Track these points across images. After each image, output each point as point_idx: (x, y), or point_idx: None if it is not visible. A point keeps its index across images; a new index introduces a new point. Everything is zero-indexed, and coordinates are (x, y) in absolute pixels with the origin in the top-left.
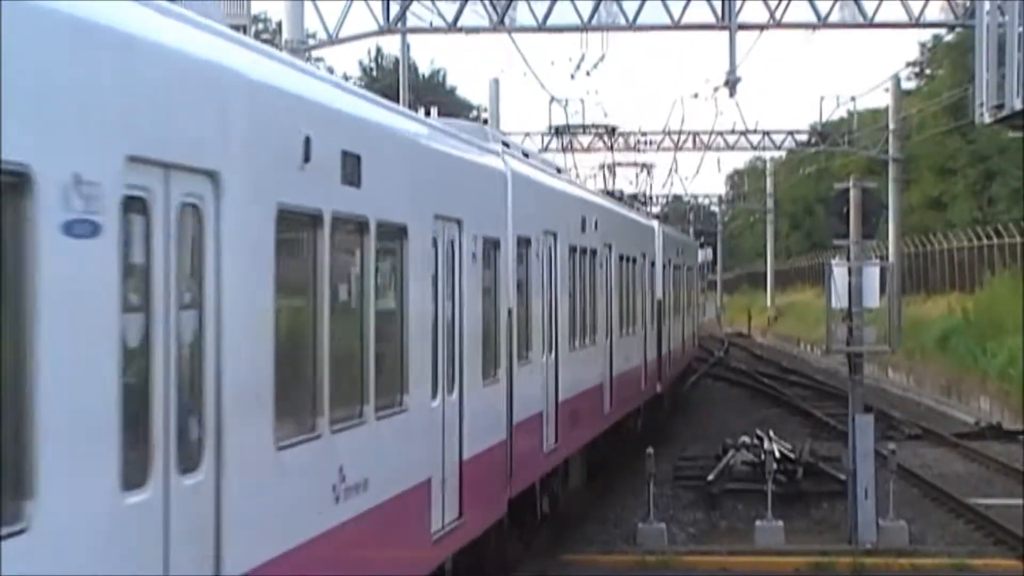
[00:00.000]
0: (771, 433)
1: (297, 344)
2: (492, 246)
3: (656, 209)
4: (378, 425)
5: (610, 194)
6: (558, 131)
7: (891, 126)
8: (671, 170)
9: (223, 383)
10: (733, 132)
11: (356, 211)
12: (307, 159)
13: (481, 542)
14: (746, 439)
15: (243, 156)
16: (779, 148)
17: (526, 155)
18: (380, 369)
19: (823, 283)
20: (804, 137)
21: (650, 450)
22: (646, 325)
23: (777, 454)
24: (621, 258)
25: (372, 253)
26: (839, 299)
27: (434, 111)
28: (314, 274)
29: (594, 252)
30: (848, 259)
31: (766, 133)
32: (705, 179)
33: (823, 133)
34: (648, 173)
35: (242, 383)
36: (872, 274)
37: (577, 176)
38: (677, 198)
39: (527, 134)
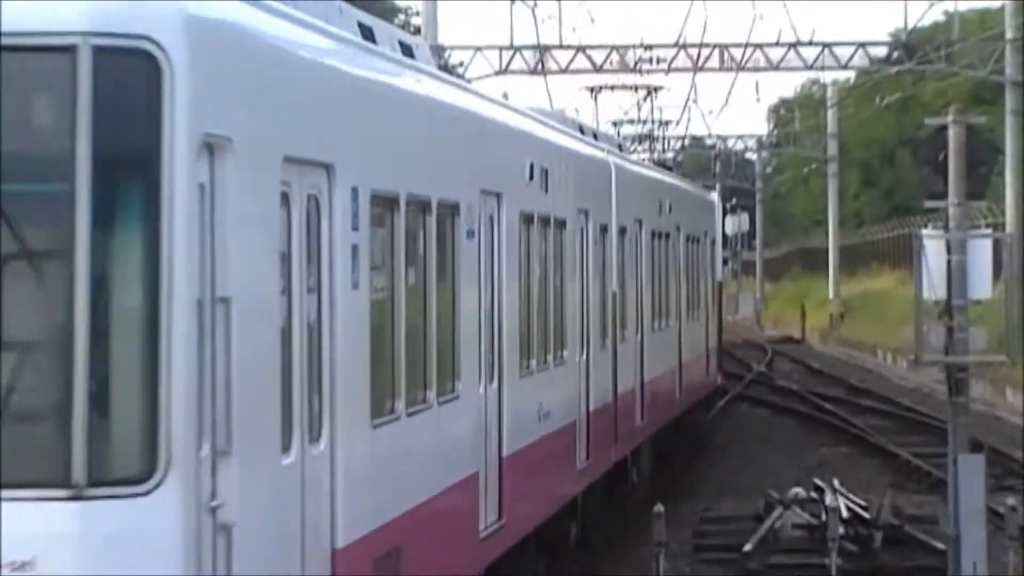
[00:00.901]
0: (835, 483)
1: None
2: (603, 232)
3: (668, 155)
4: (553, 371)
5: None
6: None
7: (1008, 34)
8: (688, 99)
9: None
10: (778, 44)
11: (546, 211)
12: (531, 177)
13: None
14: (799, 491)
15: (509, 180)
16: (845, 67)
17: (582, 130)
18: (558, 326)
19: (910, 264)
20: (882, 52)
21: (659, 507)
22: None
23: (844, 513)
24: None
25: (551, 241)
26: (933, 288)
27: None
28: (542, 257)
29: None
30: (946, 229)
31: (826, 46)
32: (738, 113)
33: (909, 45)
34: (648, 99)
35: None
36: (982, 250)
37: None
38: (697, 140)
39: (477, 50)
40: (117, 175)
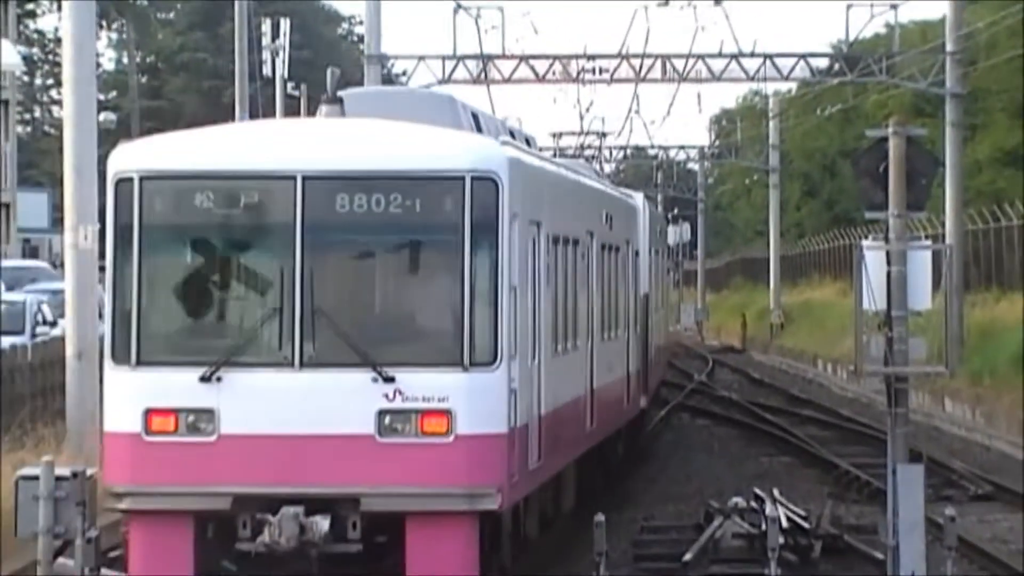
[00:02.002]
0: (775, 493)
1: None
2: (635, 254)
3: (608, 167)
4: (603, 344)
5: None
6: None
7: (949, 47)
8: (630, 110)
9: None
10: (721, 56)
11: (611, 241)
12: (610, 225)
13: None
14: (739, 501)
15: (597, 226)
16: (787, 79)
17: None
18: (604, 316)
19: (850, 275)
20: (823, 63)
21: (600, 517)
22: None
23: (784, 523)
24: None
25: (614, 261)
26: (873, 298)
27: (286, 23)
28: (608, 270)
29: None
30: (886, 239)
31: (768, 57)
32: (680, 124)
33: (851, 57)
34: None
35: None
36: (922, 261)
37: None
38: (639, 150)
39: (420, 59)
40: (481, 231)
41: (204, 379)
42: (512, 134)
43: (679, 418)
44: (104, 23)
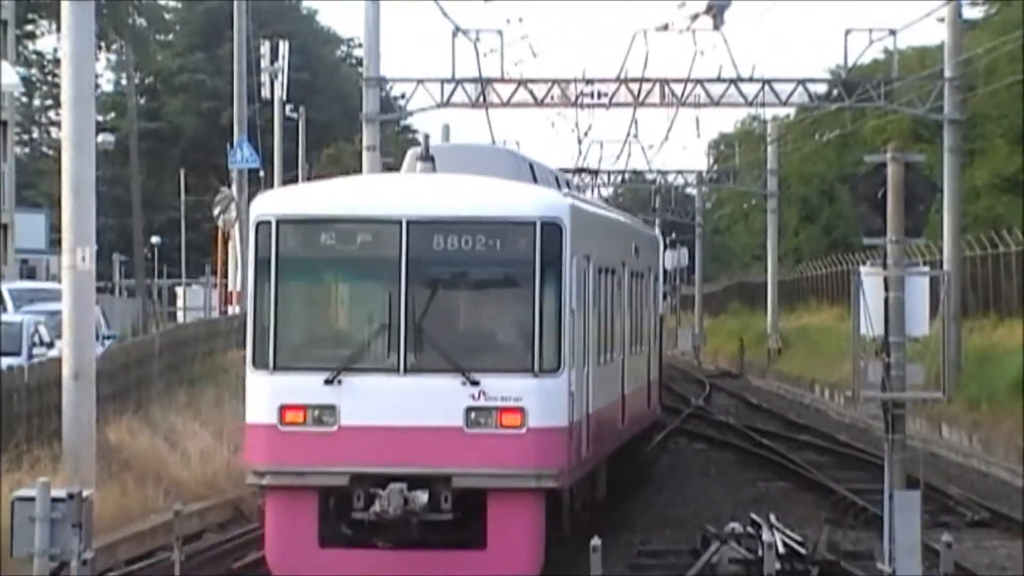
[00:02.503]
0: (772, 518)
1: (624, 320)
2: (655, 279)
3: (606, 191)
4: (632, 357)
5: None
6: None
7: (947, 73)
8: (628, 134)
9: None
10: (719, 80)
11: (638, 269)
12: (637, 255)
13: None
14: (736, 526)
15: (628, 257)
16: (785, 104)
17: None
18: (632, 333)
19: (848, 300)
20: (822, 88)
21: (596, 541)
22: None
23: (781, 548)
24: None
25: (640, 286)
26: (871, 324)
27: (285, 46)
28: (634, 292)
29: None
30: (884, 265)
31: (767, 82)
32: (679, 148)
33: (849, 83)
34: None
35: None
36: (919, 287)
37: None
38: (637, 174)
39: (419, 83)
40: (548, 265)
41: (327, 382)
42: (557, 179)
43: (676, 442)
44: (103, 44)
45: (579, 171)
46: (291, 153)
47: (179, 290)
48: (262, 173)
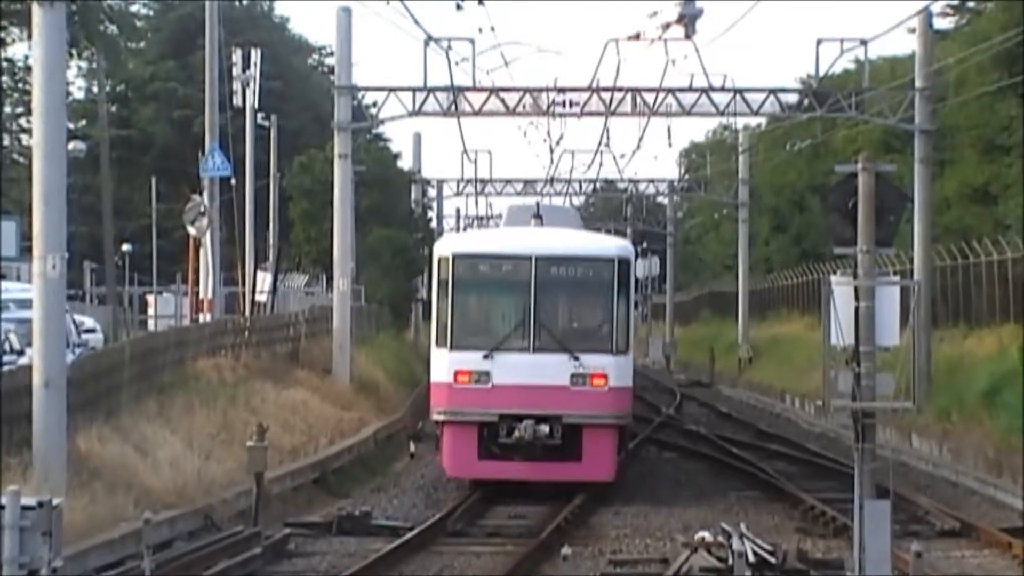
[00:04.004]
0: (742, 527)
1: None
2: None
3: (577, 201)
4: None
5: None
6: (434, 90)
7: (918, 83)
8: (600, 143)
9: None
10: (691, 90)
11: (642, 280)
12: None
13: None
14: (706, 535)
15: (641, 273)
16: (757, 113)
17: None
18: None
19: (819, 310)
20: (793, 98)
21: (566, 550)
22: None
23: (751, 557)
24: None
25: (638, 295)
26: (841, 333)
27: (256, 54)
28: None
29: None
30: (855, 275)
31: (738, 92)
32: (650, 157)
33: (820, 93)
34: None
35: None
36: (890, 297)
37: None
38: (609, 184)
39: (390, 91)
40: (621, 285)
41: (485, 356)
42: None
43: (647, 451)
44: (74, 52)
45: (551, 180)
46: (263, 161)
47: (150, 298)
48: (233, 181)
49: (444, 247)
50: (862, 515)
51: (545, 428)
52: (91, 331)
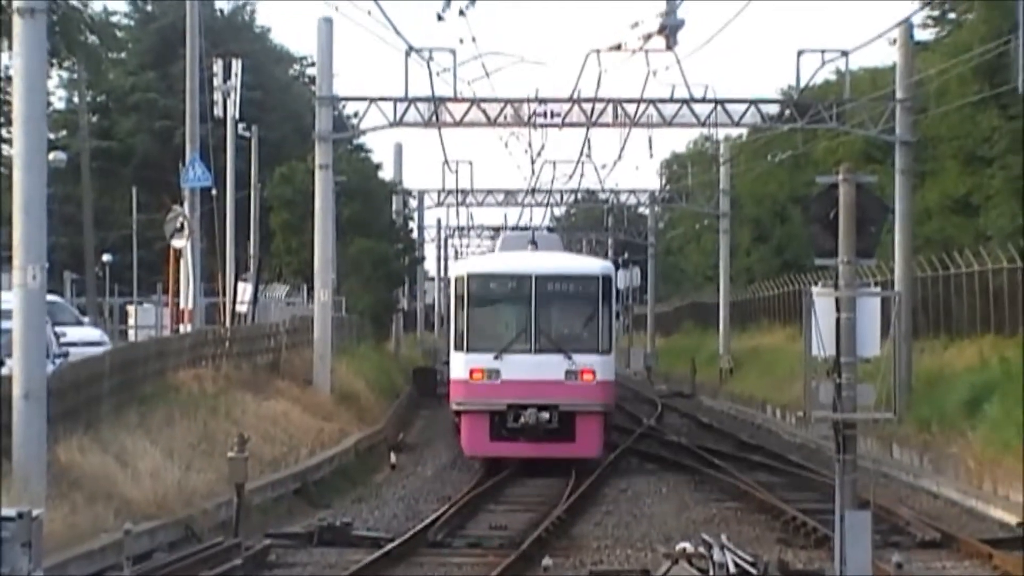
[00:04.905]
0: (723, 538)
1: None
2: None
3: (559, 211)
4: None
5: None
6: (415, 100)
7: (899, 94)
8: (581, 153)
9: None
10: (672, 101)
11: (621, 291)
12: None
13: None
14: (687, 546)
15: (620, 285)
16: (738, 124)
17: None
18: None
19: (800, 321)
20: (774, 109)
21: (547, 561)
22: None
23: (732, 568)
24: None
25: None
26: (822, 344)
27: (237, 64)
28: None
29: None
30: (836, 286)
31: (719, 103)
32: (631, 168)
33: (801, 104)
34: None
35: None
36: (871, 308)
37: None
38: (590, 194)
39: (371, 102)
40: (605, 298)
41: (495, 357)
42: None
43: (628, 462)
44: (55, 62)
45: (532, 191)
46: (243, 171)
47: (130, 308)
48: (214, 192)
49: (460, 268)
50: (843, 526)
51: (545, 415)
52: (98, 343)
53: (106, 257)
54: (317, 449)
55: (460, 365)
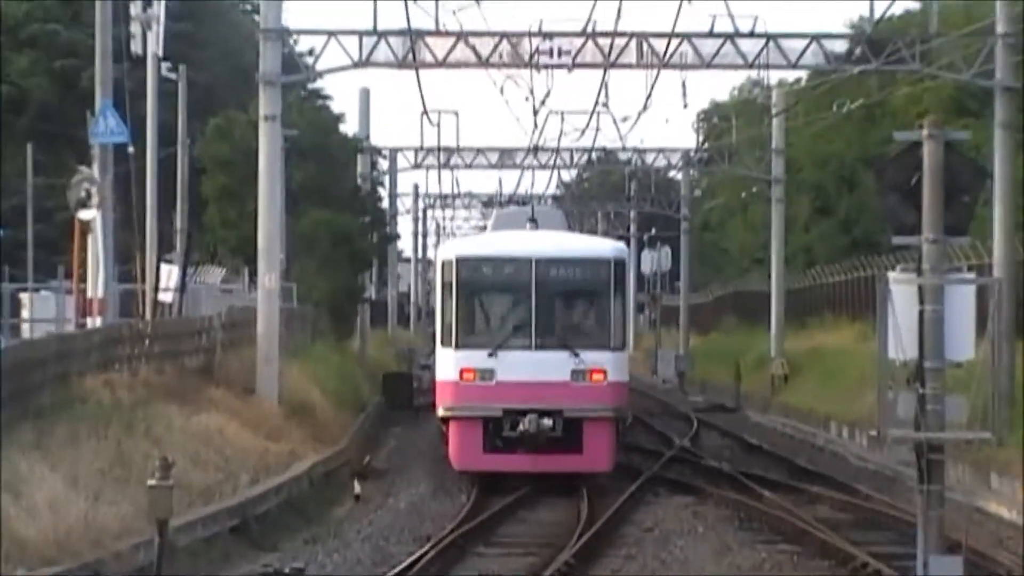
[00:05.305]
0: None
1: None
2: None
3: (568, 175)
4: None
5: None
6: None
7: (999, 28)
8: (597, 102)
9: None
10: (712, 36)
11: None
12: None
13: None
14: None
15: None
16: (795, 66)
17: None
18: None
19: (872, 315)
20: (841, 47)
21: None
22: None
23: None
24: None
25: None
26: (901, 345)
27: None
28: None
29: None
30: (919, 271)
31: (772, 38)
32: (660, 120)
33: (876, 40)
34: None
35: None
36: (963, 299)
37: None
38: (608, 154)
39: (331, 35)
40: (618, 284)
41: (490, 354)
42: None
43: (655, 493)
44: None
45: (534, 150)
46: (169, 124)
47: (24, 297)
48: (131, 149)
49: (448, 251)
50: (927, 574)
51: (547, 422)
52: None
53: None
54: (261, 476)
55: (449, 364)
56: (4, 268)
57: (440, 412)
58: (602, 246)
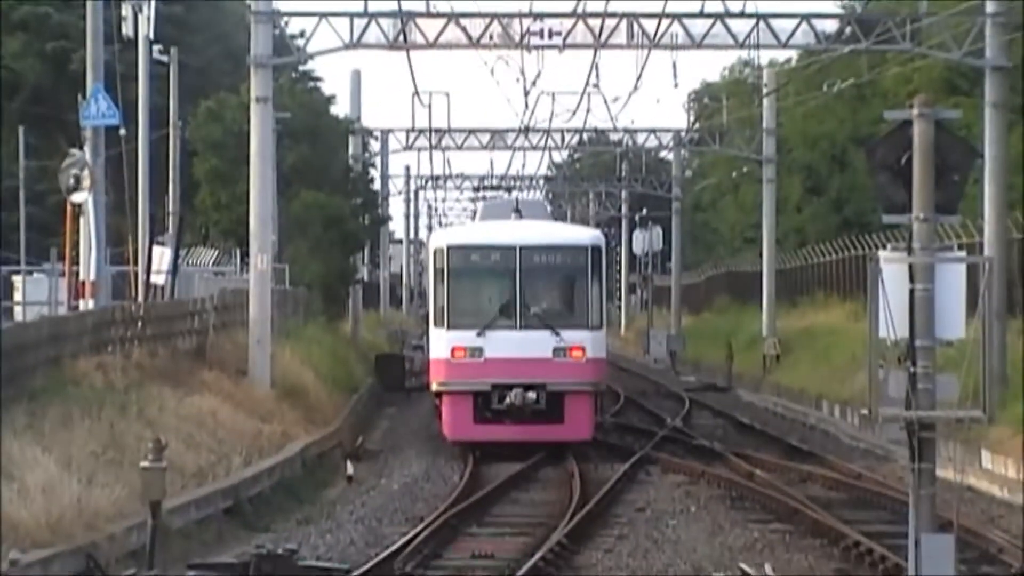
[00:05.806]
0: (767, 569)
1: None
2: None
3: (559, 156)
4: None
5: None
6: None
7: (989, 7)
8: (588, 83)
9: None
10: (702, 16)
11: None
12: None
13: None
14: None
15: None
16: (785, 46)
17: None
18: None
19: (863, 294)
20: (831, 26)
21: None
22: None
23: None
24: None
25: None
26: (892, 324)
27: None
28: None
29: None
30: (909, 250)
31: (762, 18)
32: (651, 101)
33: (866, 19)
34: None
35: None
36: (954, 278)
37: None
38: (599, 135)
39: (322, 17)
40: (594, 269)
41: (479, 334)
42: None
43: (646, 472)
44: None
45: (525, 130)
46: (160, 106)
47: (16, 280)
48: (123, 132)
49: (439, 240)
50: (919, 553)
51: (532, 395)
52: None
53: None
54: (254, 457)
55: (441, 343)
56: None
57: (434, 387)
58: (581, 234)
